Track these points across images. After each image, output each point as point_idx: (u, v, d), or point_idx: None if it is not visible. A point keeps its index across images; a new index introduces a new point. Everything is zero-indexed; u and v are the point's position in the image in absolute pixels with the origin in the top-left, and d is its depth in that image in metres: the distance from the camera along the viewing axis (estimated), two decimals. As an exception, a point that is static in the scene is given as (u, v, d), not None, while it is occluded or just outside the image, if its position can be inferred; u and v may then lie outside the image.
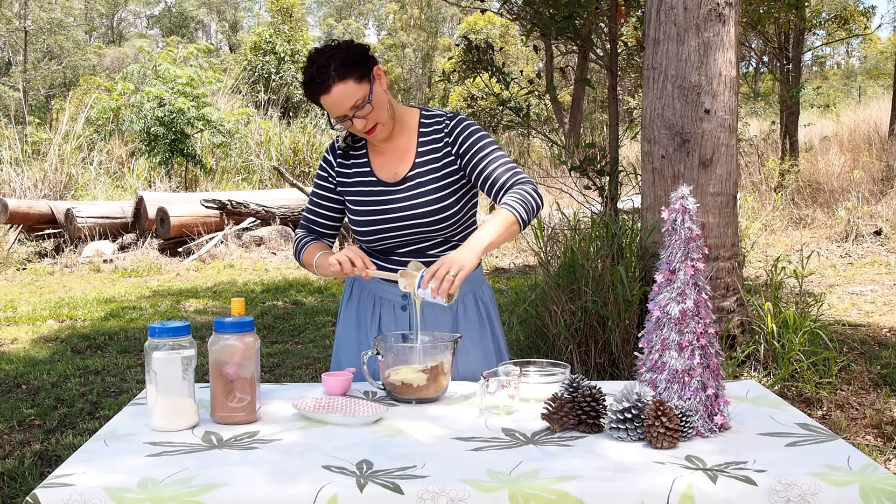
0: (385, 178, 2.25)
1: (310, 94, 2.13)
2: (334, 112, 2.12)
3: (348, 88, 2.08)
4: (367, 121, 2.13)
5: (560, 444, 1.69)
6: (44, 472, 3.50)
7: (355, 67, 2.09)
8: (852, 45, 36.20)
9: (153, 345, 1.78)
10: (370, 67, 2.12)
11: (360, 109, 2.10)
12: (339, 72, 2.07)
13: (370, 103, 2.11)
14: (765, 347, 4.33)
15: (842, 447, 1.67)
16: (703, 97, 4.19)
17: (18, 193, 11.87)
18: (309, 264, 2.27)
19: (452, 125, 2.23)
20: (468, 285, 2.29)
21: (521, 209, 2.07)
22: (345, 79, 2.07)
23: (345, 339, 2.39)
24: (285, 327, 6.29)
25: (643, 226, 4.50)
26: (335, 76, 2.07)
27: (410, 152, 2.24)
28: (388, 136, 2.21)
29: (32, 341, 6.03)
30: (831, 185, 11.16)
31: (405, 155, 2.25)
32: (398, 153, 2.25)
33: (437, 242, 2.26)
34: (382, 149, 2.26)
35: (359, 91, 2.09)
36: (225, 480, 1.49)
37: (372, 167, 2.27)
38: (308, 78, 2.11)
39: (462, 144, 2.21)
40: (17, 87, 28.92)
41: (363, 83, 2.10)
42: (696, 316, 1.77)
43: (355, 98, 2.09)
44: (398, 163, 2.25)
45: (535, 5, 6.31)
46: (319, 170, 2.35)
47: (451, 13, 39.24)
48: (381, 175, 2.25)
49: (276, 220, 10.92)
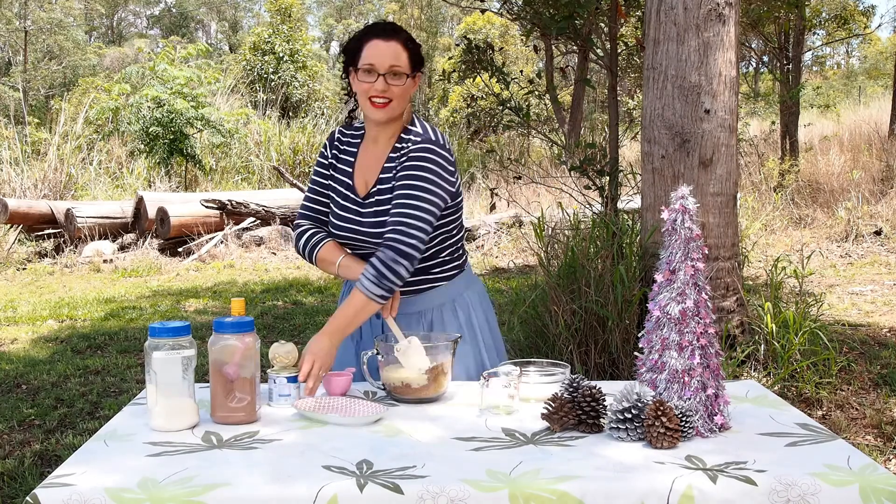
0: (358, 187, 2.25)
1: (367, 32, 2.18)
2: (374, 58, 2.14)
3: (402, 56, 2.16)
4: (390, 89, 2.14)
5: (560, 444, 1.69)
6: (44, 472, 3.50)
7: (416, 53, 2.20)
8: (852, 45, 36.20)
9: (153, 345, 1.78)
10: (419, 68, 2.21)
11: (394, 77, 2.14)
12: (406, 41, 2.18)
13: (409, 77, 2.17)
14: (765, 347, 4.33)
15: (842, 447, 1.67)
16: (703, 97, 4.19)
17: (18, 193, 11.87)
18: (329, 263, 2.24)
19: (411, 150, 2.15)
20: (444, 296, 2.28)
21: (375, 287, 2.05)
22: (406, 49, 2.17)
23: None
24: (285, 327, 6.29)
25: (643, 226, 4.50)
26: (401, 39, 2.17)
27: (378, 166, 2.23)
28: (388, 119, 2.19)
29: (32, 341, 6.03)
30: (831, 185, 11.16)
31: (375, 166, 2.24)
32: (374, 160, 2.25)
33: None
34: (369, 152, 2.26)
35: (405, 64, 2.17)
36: (225, 480, 1.49)
37: (354, 170, 2.27)
38: (375, 23, 2.20)
39: (403, 169, 2.14)
40: (17, 87, 28.91)
41: (411, 66, 2.18)
42: (696, 316, 1.77)
43: (400, 64, 2.15)
44: (370, 172, 2.25)
45: (535, 5, 6.31)
46: (319, 156, 2.35)
47: (451, 13, 39.21)
48: (357, 183, 2.26)
49: (276, 220, 10.92)
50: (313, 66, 24.82)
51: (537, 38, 7.62)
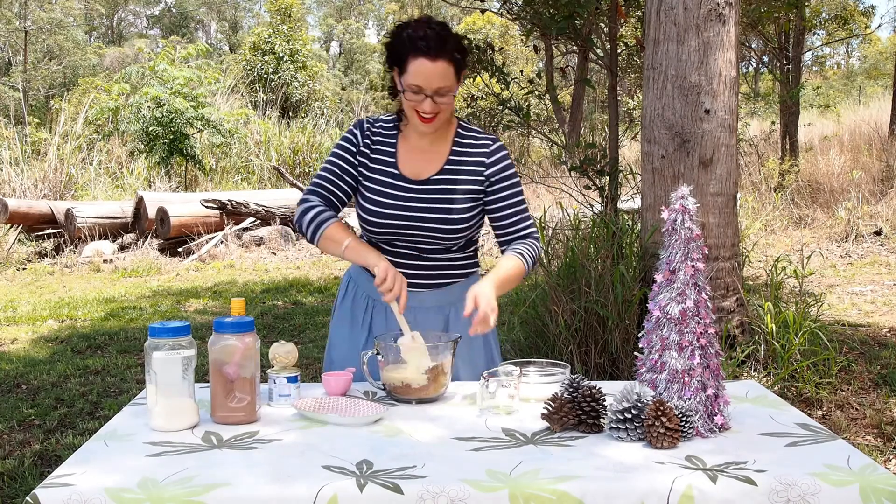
0: (408, 174, 2.25)
1: (411, 48, 2.13)
2: (419, 80, 2.12)
3: (449, 72, 2.14)
4: (438, 107, 2.15)
5: (560, 444, 1.69)
6: (44, 472, 3.50)
7: (462, 63, 2.17)
8: (852, 45, 36.19)
9: (153, 345, 1.78)
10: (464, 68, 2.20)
11: (440, 95, 2.14)
12: (452, 54, 2.14)
13: (453, 95, 2.17)
14: (765, 347, 4.33)
15: (842, 447, 1.67)
16: (703, 97, 4.19)
17: (18, 193, 11.87)
18: (335, 242, 2.19)
19: (495, 148, 2.30)
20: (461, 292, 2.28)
21: (531, 262, 2.27)
22: (452, 63, 2.14)
23: (338, 337, 2.38)
24: (285, 327, 6.29)
25: (643, 226, 4.50)
26: (450, 55, 2.13)
27: (441, 157, 2.27)
28: (434, 131, 2.23)
29: (32, 341, 6.03)
30: (831, 185, 11.16)
31: (435, 158, 2.27)
32: (428, 154, 2.27)
33: (438, 248, 2.27)
34: (414, 144, 2.27)
35: (452, 81, 2.15)
36: (225, 480, 1.49)
37: (397, 159, 2.27)
38: (421, 34, 2.12)
39: (498, 173, 2.28)
40: (17, 87, 28.91)
41: (456, 78, 2.17)
42: (696, 316, 1.77)
43: (447, 83, 2.14)
44: (425, 163, 2.26)
45: (535, 5, 6.31)
46: (343, 141, 2.30)
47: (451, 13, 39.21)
48: (405, 171, 2.25)
49: (276, 220, 10.92)
50: (313, 66, 24.84)
51: (537, 38, 7.61)
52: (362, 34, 47.73)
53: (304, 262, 9.94)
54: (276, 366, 2.01)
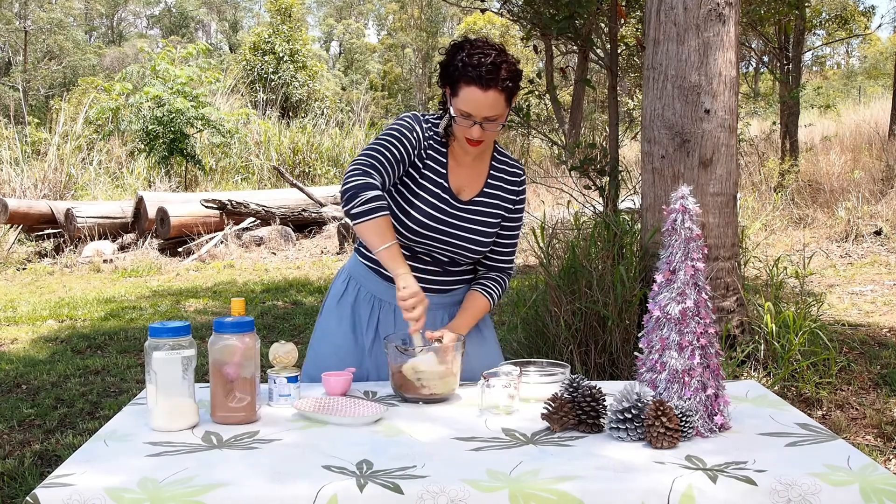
0: (455, 190, 2.27)
1: (463, 74, 2.09)
2: (469, 107, 2.11)
3: (499, 102, 2.12)
4: (485, 134, 2.15)
5: (560, 444, 1.69)
6: (44, 472, 3.50)
7: (514, 92, 2.16)
8: (852, 45, 36.19)
9: (153, 345, 1.78)
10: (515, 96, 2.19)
11: (490, 122, 2.14)
12: (505, 83, 2.11)
13: (501, 125, 2.17)
14: (765, 347, 4.33)
15: (842, 447, 1.67)
16: (703, 97, 4.18)
17: (18, 193, 11.87)
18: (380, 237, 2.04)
19: (522, 180, 2.38)
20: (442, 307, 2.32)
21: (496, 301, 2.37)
22: (503, 92, 2.12)
23: (334, 335, 2.35)
24: (285, 327, 6.29)
25: (643, 226, 4.50)
26: (501, 84, 2.11)
27: (481, 176, 2.30)
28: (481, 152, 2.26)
29: (32, 341, 6.03)
30: (831, 185, 11.16)
31: (477, 178, 2.30)
32: (472, 172, 2.29)
33: (461, 264, 2.33)
34: (459, 160, 2.28)
35: (502, 110, 2.15)
36: (225, 480, 1.49)
37: (448, 173, 2.27)
38: (476, 62, 2.08)
39: (518, 203, 2.37)
40: (17, 87, 28.91)
41: (507, 106, 2.16)
42: (696, 316, 1.77)
43: (497, 112, 2.13)
44: (469, 181, 2.29)
45: (535, 5, 6.31)
46: (406, 130, 2.20)
47: (451, 13, 39.21)
48: (453, 186, 2.27)
49: (276, 220, 10.92)
50: (313, 66, 24.84)
51: (537, 39, 7.61)
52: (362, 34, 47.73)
53: (304, 262, 9.94)
54: (276, 366, 2.01)
